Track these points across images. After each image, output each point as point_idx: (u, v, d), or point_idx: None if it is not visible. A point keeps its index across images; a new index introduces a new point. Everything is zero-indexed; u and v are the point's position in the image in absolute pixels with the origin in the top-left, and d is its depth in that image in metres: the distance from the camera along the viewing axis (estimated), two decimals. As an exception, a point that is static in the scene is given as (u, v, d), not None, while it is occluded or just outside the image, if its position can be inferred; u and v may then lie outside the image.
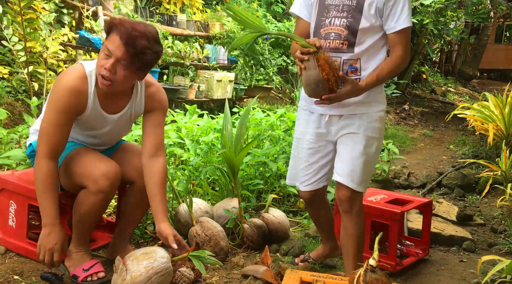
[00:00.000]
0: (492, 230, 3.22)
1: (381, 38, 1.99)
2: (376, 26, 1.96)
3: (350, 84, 1.91)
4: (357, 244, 2.06)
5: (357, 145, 2.02)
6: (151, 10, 6.78)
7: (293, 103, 7.06)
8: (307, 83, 1.90)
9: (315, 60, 1.83)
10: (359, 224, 2.06)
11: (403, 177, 4.36)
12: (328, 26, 1.99)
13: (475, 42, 12.24)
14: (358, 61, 1.98)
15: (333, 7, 1.98)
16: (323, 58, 1.83)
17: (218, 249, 2.38)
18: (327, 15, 1.99)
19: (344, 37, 1.96)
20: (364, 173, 2.03)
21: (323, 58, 1.83)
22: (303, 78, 1.91)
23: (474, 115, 4.77)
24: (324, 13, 2.01)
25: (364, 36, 1.95)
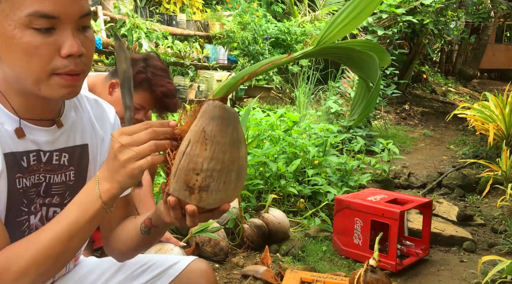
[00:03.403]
0: (493, 230, 3.22)
1: None
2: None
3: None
4: None
5: None
6: (150, 9, 6.78)
7: (293, 103, 7.05)
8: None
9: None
10: None
11: (403, 177, 4.35)
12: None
13: (475, 42, 12.22)
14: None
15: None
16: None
17: (218, 249, 2.38)
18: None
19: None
20: None
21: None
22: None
23: (474, 115, 4.76)
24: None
25: None
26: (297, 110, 5.81)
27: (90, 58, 0.93)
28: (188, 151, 0.77)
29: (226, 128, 0.78)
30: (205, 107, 0.79)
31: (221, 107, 0.79)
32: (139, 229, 0.99)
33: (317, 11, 8.46)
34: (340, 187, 3.29)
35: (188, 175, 0.76)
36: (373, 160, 3.83)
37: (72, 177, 1.04)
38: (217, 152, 0.77)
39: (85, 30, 0.90)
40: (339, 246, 2.63)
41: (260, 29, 7.07)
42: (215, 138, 0.77)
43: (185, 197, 0.77)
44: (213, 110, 0.78)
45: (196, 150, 0.76)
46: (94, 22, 5.59)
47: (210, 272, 1.17)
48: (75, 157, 1.03)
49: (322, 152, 3.72)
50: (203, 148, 0.76)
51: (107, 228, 1.09)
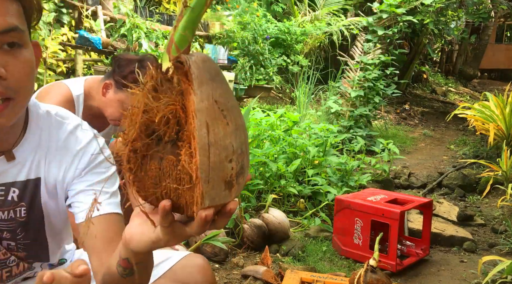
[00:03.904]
0: (493, 230, 3.21)
1: None
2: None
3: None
4: None
5: None
6: (150, 9, 6.79)
7: (293, 103, 7.05)
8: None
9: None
10: None
11: (404, 177, 4.35)
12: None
13: (475, 42, 12.22)
14: None
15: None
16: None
17: (218, 249, 2.37)
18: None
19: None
20: None
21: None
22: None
23: (474, 115, 4.76)
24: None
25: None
26: (297, 110, 5.81)
27: (19, 82, 0.79)
28: (212, 139, 0.55)
29: (226, 84, 0.59)
30: (196, 70, 0.56)
31: (209, 59, 0.58)
32: (116, 273, 0.77)
33: (317, 11, 8.46)
34: (340, 187, 3.28)
35: (224, 169, 0.56)
36: (373, 160, 3.82)
37: (23, 214, 0.93)
38: (235, 119, 0.57)
39: (12, 49, 0.78)
40: (339, 246, 2.62)
41: (260, 29, 7.07)
42: (228, 103, 0.57)
43: (225, 198, 0.57)
44: (208, 67, 0.57)
45: (220, 131, 0.55)
46: (94, 22, 5.59)
47: (207, 267, 1.09)
48: (28, 191, 0.93)
49: (322, 152, 3.72)
50: (225, 124, 0.56)
51: (95, 267, 0.90)
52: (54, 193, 0.96)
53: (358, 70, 5.86)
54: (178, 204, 0.57)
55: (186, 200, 0.56)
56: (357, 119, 5.44)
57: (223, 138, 0.56)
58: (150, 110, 0.56)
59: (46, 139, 0.94)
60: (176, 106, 0.56)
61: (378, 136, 5.49)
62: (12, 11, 0.79)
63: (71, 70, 5.29)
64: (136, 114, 0.57)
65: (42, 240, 1.00)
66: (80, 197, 0.94)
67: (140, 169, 0.58)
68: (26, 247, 0.98)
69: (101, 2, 5.84)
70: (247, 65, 6.78)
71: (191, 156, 0.54)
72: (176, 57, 0.57)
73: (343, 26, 7.76)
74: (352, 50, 6.79)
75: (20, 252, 0.98)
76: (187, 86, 0.56)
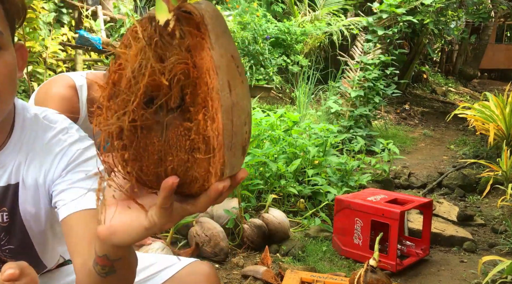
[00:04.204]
0: (493, 230, 3.21)
1: None
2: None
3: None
4: None
5: None
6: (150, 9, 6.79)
7: (293, 103, 7.05)
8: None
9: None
10: None
11: (404, 177, 4.35)
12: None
13: (475, 42, 12.22)
14: None
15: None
16: None
17: (218, 249, 2.37)
18: None
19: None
20: None
21: None
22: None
23: (474, 115, 4.76)
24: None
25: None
26: (297, 110, 5.81)
27: (1, 87, 0.77)
28: (234, 99, 0.47)
29: (230, 35, 0.49)
30: (210, 19, 0.47)
31: (215, 7, 0.49)
32: (95, 273, 0.69)
33: (317, 11, 8.45)
34: (340, 187, 3.28)
35: (242, 132, 0.49)
36: (373, 160, 3.82)
37: (5, 219, 0.92)
38: (244, 73, 0.50)
39: None
40: (339, 246, 2.62)
41: (260, 29, 7.07)
42: (239, 57, 0.49)
43: (239, 165, 0.50)
44: (220, 18, 0.48)
45: (239, 90, 0.48)
46: (94, 22, 5.59)
47: (214, 275, 1.06)
48: (8, 196, 0.91)
49: (322, 152, 3.72)
50: (241, 81, 0.48)
51: (77, 265, 0.83)
52: (35, 196, 0.94)
53: (358, 70, 5.87)
54: (187, 178, 0.49)
55: (197, 174, 0.48)
56: (357, 119, 5.44)
57: (242, 99, 0.48)
58: (152, 72, 0.46)
59: (30, 143, 0.92)
60: (187, 65, 0.46)
61: (378, 136, 5.49)
62: None
63: (71, 70, 5.30)
64: (138, 77, 0.46)
65: (28, 246, 0.97)
66: (62, 195, 0.91)
67: (138, 144, 0.48)
68: (13, 254, 0.96)
69: (101, 2, 5.84)
70: (247, 65, 6.78)
71: (212, 121, 0.46)
72: (179, 6, 0.47)
73: (343, 26, 7.76)
74: (352, 50, 6.79)
75: (9, 258, 0.96)
76: (199, 41, 0.46)
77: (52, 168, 0.92)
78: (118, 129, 0.47)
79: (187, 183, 0.49)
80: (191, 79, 0.47)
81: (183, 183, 0.49)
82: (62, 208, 0.90)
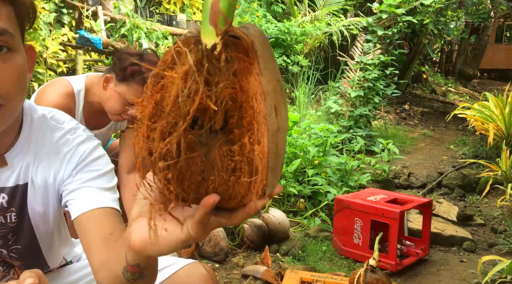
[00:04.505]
0: (493, 230, 3.22)
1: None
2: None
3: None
4: None
5: None
6: (151, 10, 6.79)
7: (293, 103, 7.06)
8: None
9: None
10: None
11: (403, 177, 4.35)
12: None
13: (475, 42, 12.23)
14: None
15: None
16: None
17: (218, 249, 2.38)
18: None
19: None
20: None
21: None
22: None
23: (474, 115, 4.76)
24: None
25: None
26: (297, 110, 5.81)
27: (9, 87, 0.77)
28: (280, 123, 0.48)
29: (275, 59, 0.50)
30: (259, 45, 0.47)
31: (262, 33, 0.50)
32: (123, 279, 0.72)
33: (317, 11, 8.46)
34: (340, 187, 3.29)
35: (283, 154, 0.51)
36: (373, 160, 3.83)
37: (14, 219, 0.92)
38: (285, 97, 0.51)
39: (1, 52, 0.76)
40: (339, 246, 2.63)
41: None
42: (281, 79, 0.50)
43: (277, 183, 0.52)
44: (267, 43, 0.49)
45: (284, 114, 0.49)
46: (94, 22, 5.59)
47: (212, 278, 1.05)
48: (17, 197, 0.91)
49: (322, 152, 3.72)
50: (284, 103, 0.50)
51: (94, 265, 0.85)
52: (44, 196, 0.94)
53: (358, 70, 5.87)
54: (223, 197, 0.50)
55: (237, 192, 0.49)
56: (357, 119, 5.45)
57: (285, 121, 0.49)
58: (201, 97, 0.46)
59: (38, 144, 0.93)
60: (235, 90, 0.47)
61: (378, 136, 5.49)
62: (3, 15, 0.77)
63: (72, 70, 5.30)
64: (186, 101, 0.46)
65: (34, 246, 0.98)
66: (73, 194, 0.92)
67: (182, 165, 0.48)
68: (19, 255, 0.96)
69: (102, 2, 5.84)
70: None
71: (258, 144, 0.47)
72: (227, 30, 0.46)
73: (343, 27, 7.76)
74: (352, 50, 6.79)
75: (14, 260, 0.96)
76: (248, 66, 0.47)
77: (62, 167, 0.93)
78: (165, 151, 0.47)
79: (225, 200, 0.50)
80: (237, 102, 0.47)
81: (221, 199, 0.50)
82: (75, 206, 0.90)
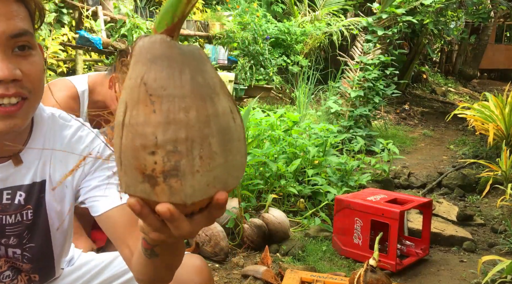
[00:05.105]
0: (493, 230, 3.22)
1: None
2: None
3: None
4: None
5: None
6: (151, 9, 6.79)
7: (293, 103, 7.06)
8: None
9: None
10: None
11: (403, 177, 4.35)
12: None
13: (475, 42, 12.23)
14: None
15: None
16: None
17: (218, 249, 2.38)
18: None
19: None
20: None
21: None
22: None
23: (474, 115, 4.76)
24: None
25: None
26: (297, 110, 5.81)
27: (33, 83, 0.81)
28: (128, 120, 0.50)
29: (180, 72, 0.50)
30: (138, 47, 0.51)
31: (164, 42, 0.51)
32: (143, 254, 0.76)
33: (317, 11, 8.46)
34: (340, 187, 3.29)
35: (139, 157, 0.49)
36: (373, 160, 3.83)
37: (30, 216, 0.93)
38: (174, 111, 0.49)
39: (24, 52, 0.80)
40: (339, 246, 2.63)
41: (260, 29, 7.07)
42: (165, 90, 0.49)
43: (147, 193, 0.50)
44: (152, 48, 0.50)
45: (140, 115, 0.49)
46: (94, 22, 5.59)
47: (205, 268, 1.06)
48: (34, 194, 0.93)
49: (322, 152, 3.72)
50: (150, 110, 0.49)
51: (127, 255, 0.90)
52: (61, 194, 0.96)
53: (358, 70, 5.87)
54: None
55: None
56: (357, 119, 5.45)
57: (142, 124, 0.49)
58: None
59: (51, 142, 0.95)
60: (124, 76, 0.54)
61: (378, 136, 5.49)
62: (21, 15, 0.80)
63: (72, 70, 5.30)
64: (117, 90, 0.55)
65: (48, 245, 0.99)
66: (95, 192, 0.94)
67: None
68: (32, 255, 0.97)
69: (102, 2, 5.84)
70: (247, 65, 6.78)
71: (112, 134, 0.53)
72: (141, 36, 0.54)
73: (343, 27, 7.76)
74: (352, 50, 6.79)
75: (25, 262, 0.97)
76: (130, 63, 0.52)
77: (80, 165, 0.95)
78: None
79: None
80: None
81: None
82: (99, 203, 0.93)
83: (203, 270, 1.06)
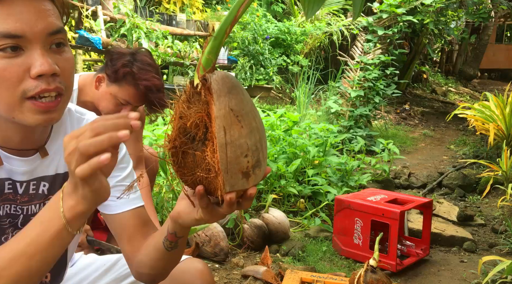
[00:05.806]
0: (493, 230, 3.21)
1: None
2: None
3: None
4: None
5: None
6: (150, 9, 6.78)
7: (293, 103, 7.05)
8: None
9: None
10: None
11: (404, 177, 4.35)
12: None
13: (475, 42, 12.22)
14: None
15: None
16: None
17: (218, 249, 2.37)
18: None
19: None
20: None
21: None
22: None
23: (474, 115, 4.76)
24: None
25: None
26: (297, 110, 5.81)
27: (68, 79, 0.85)
28: (228, 139, 0.69)
29: (242, 95, 0.72)
30: (215, 86, 0.71)
31: (228, 76, 0.73)
32: (162, 248, 0.89)
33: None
34: (340, 187, 3.28)
35: (240, 163, 0.70)
36: (373, 160, 3.82)
37: None
38: (250, 122, 0.71)
39: (59, 48, 0.84)
40: (339, 246, 2.62)
41: (260, 29, 7.07)
42: (243, 110, 0.71)
43: (244, 185, 0.71)
44: (225, 83, 0.71)
45: (235, 133, 0.70)
46: (94, 22, 5.58)
47: (207, 272, 1.10)
48: (57, 185, 0.96)
49: (322, 152, 3.72)
50: (240, 127, 0.70)
51: (130, 252, 0.98)
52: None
53: (358, 70, 5.86)
54: (209, 189, 0.72)
55: (214, 186, 0.71)
56: (357, 119, 5.44)
57: (238, 139, 0.70)
58: (184, 116, 0.71)
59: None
60: (202, 114, 0.70)
61: (378, 136, 5.49)
62: (55, 13, 0.84)
63: (71, 70, 5.28)
64: (174, 120, 0.72)
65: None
66: (111, 192, 0.96)
67: (180, 161, 0.72)
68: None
69: (101, 2, 5.83)
70: (247, 65, 6.78)
71: (214, 152, 0.69)
72: (203, 75, 0.72)
73: (343, 26, 7.76)
74: (352, 50, 6.79)
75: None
76: (209, 98, 0.70)
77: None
78: (170, 151, 0.72)
79: (212, 191, 0.73)
80: (207, 122, 0.71)
81: (210, 191, 0.73)
82: (114, 203, 1.00)
83: (205, 273, 1.10)
